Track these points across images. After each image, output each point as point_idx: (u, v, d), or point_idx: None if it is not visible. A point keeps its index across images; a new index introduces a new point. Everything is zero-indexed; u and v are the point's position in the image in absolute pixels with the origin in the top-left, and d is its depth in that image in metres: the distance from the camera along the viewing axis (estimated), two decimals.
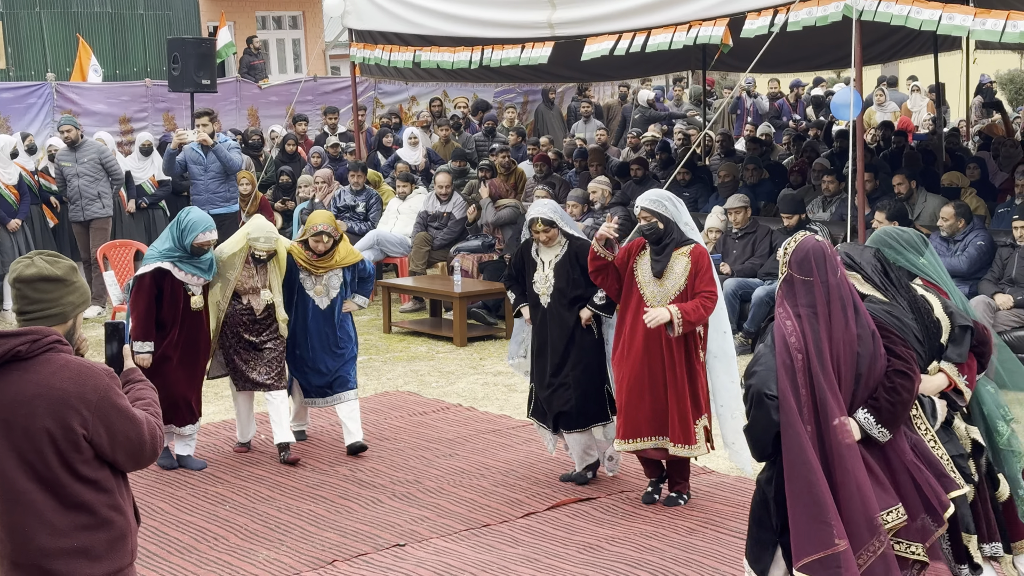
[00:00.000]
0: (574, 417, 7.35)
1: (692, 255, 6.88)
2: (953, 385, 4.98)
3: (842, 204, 11.85)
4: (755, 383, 4.65)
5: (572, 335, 7.35)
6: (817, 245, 4.74)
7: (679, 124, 19.03)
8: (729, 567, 6.21)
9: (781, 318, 4.68)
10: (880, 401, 4.67)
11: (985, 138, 16.65)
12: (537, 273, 7.46)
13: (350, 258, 8.18)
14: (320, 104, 19.24)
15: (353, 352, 8.29)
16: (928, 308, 4.98)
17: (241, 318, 7.96)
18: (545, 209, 7.42)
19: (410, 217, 14.05)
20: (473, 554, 6.47)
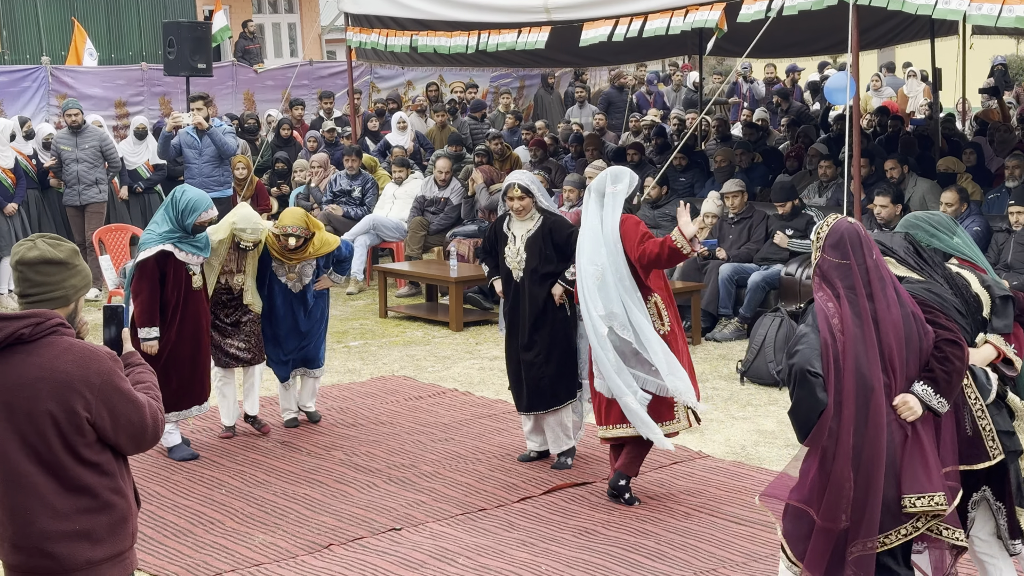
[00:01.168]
0: (547, 398, 7.35)
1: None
2: (1002, 355, 4.94)
3: (838, 189, 11.85)
4: (798, 361, 4.57)
5: (543, 311, 7.34)
6: (851, 227, 4.67)
7: (675, 109, 19.02)
8: (725, 551, 6.23)
9: (822, 300, 4.62)
10: (935, 372, 4.61)
11: (981, 123, 16.64)
12: (508, 247, 7.45)
13: (324, 248, 8.22)
14: (316, 88, 19.20)
15: (321, 333, 8.43)
16: (966, 284, 4.94)
17: (220, 297, 8.06)
18: (523, 177, 7.42)
19: (406, 202, 14.04)
20: (469, 538, 6.49)
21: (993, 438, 4.81)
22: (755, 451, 7.87)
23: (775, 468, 7.50)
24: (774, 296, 10.94)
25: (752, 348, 9.59)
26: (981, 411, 4.83)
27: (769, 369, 9.40)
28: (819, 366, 4.54)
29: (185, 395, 7.77)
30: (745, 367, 9.52)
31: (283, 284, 8.19)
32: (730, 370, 9.78)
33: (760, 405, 8.93)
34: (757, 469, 7.49)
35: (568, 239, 7.30)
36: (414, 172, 14.65)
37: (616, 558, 6.17)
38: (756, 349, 9.54)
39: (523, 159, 15.36)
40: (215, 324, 8.07)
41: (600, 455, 7.76)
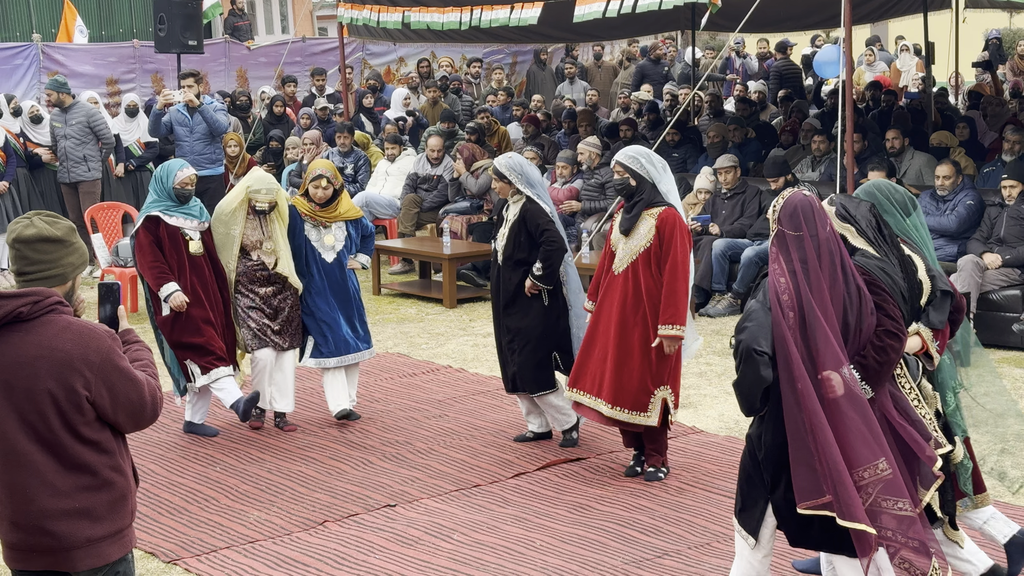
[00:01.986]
0: (520, 382, 7.34)
1: (659, 218, 6.68)
2: (925, 349, 5.01)
3: (831, 164, 11.84)
4: (745, 338, 4.66)
5: (512, 298, 7.30)
6: (805, 199, 4.74)
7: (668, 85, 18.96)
8: (719, 525, 6.25)
9: (775, 275, 4.69)
10: (868, 359, 4.69)
11: (974, 97, 16.62)
12: (500, 230, 7.45)
13: (352, 212, 8.12)
14: (308, 65, 19.14)
15: (363, 311, 8.20)
16: (914, 268, 4.99)
17: (255, 274, 7.82)
18: (504, 160, 7.35)
19: (399, 179, 14.01)
20: (463, 514, 6.50)
21: (935, 427, 4.88)
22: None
23: None
24: None
25: None
26: (917, 399, 4.90)
27: None
28: (765, 344, 4.61)
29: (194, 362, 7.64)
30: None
31: (319, 257, 7.92)
32: (723, 345, 9.79)
33: None
34: None
35: (536, 229, 7.22)
36: (407, 149, 14.62)
37: (610, 533, 6.19)
38: None
39: (515, 136, 15.33)
40: (252, 307, 7.80)
41: (595, 431, 7.77)
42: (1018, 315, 9.37)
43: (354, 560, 5.97)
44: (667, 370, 6.75)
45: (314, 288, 7.97)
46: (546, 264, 7.21)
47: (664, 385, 6.75)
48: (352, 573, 5.82)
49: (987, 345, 9.34)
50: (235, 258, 7.80)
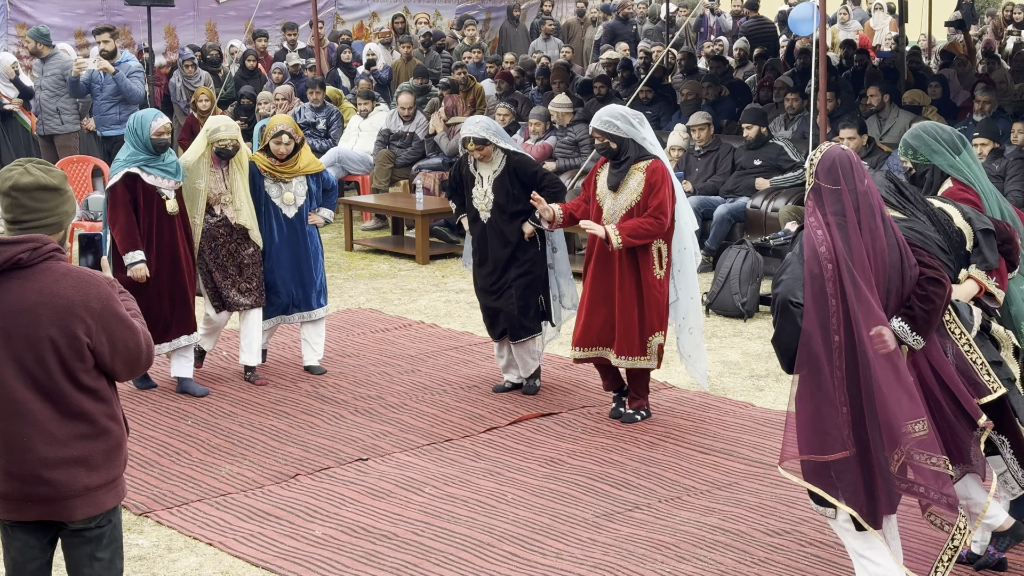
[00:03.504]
0: (517, 329, 7.46)
1: (647, 171, 6.84)
2: (984, 290, 4.98)
3: (804, 122, 11.85)
4: (781, 291, 4.62)
5: (515, 249, 7.42)
6: (843, 153, 4.69)
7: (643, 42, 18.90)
8: (689, 479, 6.30)
9: (812, 227, 4.63)
10: (914, 309, 4.65)
11: (947, 56, 16.66)
12: (476, 188, 7.46)
13: (313, 166, 8.06)
14: (279, 20, 18.96)
15: (321, 266, 8.19)
16: (948, 219, 4.95)
17: (218, 231, 7.77)
18: (476, 128, 7.34)
19: (371, 135, 13.94)
20: (435, 468, 6.52)
21: (988, 371, 4.84)
22: (719, 382, 7.93)
23: (739, 398, 7.57)
24: (740, 228, 10.97)
25: (717, 280, 9.63)
26: (968, 345, 4.86)
27: (734, 301, 9.45)
28: (801, 296, 4.57)
29: (171, 325, 7.60)
30: (710, 299, 9.57)
31: (280, 213, 7.88)
32: None
33: (725, 336, 8.99)
34: (721, 399, 7.56)
35: (534, 176, 7.36)
36: (379, 104, 14.54)
37: (582, 487, 6.22)
38: (721, 281, 9.58)
39: (488, 92, 15.26)
40: (216, 264, 7.76)
41: (566, 386, 7.81)
42: None
43: (326, 513, 5.98)
44: (658, 317, 6.97)
45: (275, 245, 7.94)
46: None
47: (658, 331, 6.97)
48: (324, 526, 5.83)
49: None
50: (201, 213, 7.73)
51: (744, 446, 6.74)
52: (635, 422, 7.12)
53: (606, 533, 5.69)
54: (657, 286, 6.95)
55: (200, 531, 5.81)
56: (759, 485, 6.22)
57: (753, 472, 6.39)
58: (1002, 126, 10.70)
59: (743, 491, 6.14)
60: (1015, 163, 9.85)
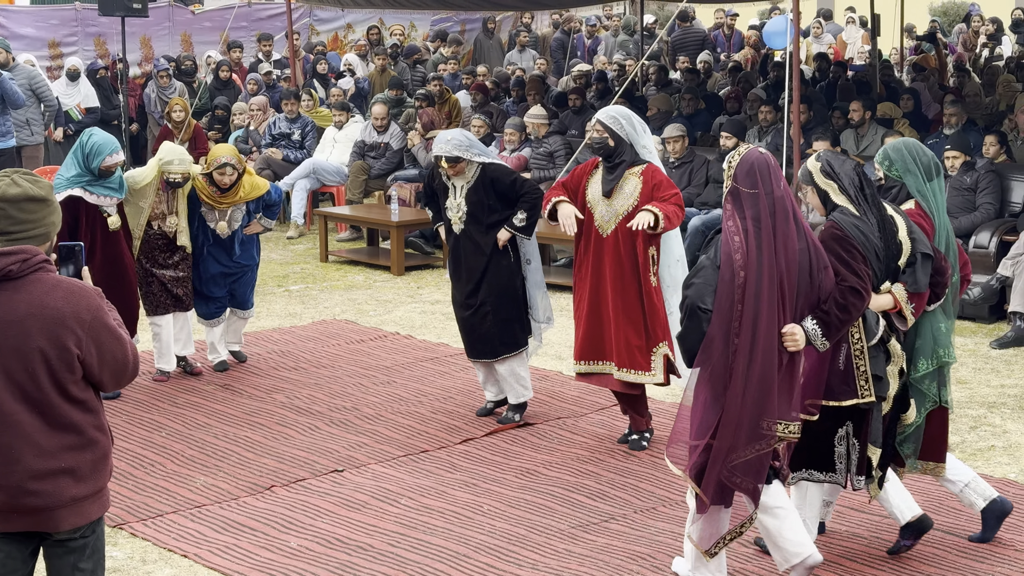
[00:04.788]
0: (495, 346, 7.27)
1: (643, 174, 6.67)
2: (899, 308, 5.05)
3: (778, 134, 11.92)
4: (691, 295, 4.80)
5: (488, 261, 7.24)
6: (761, 157, 4.79)
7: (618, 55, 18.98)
8: (664, 490, 6.31)
9: (729, 232, 4.73)
10: (830, 315, 4.79)
11: (918, 69, 16.79)
12: (449, 200, 7.33)
13: (254, 192, 8.14)
14: (254, 30, 18.95)
15: (252, 276, 8.42)
16: (894, 228, 5.03)
17: (156, 243, 7.99)
18: (447, 146, 7.17)
19: (346, 146, 13.93)
20: (411, 479, 6.52)
21: (867, 379, 5.00)
22: None
23: None
24: None
25: None
26: (860, 352, 5.00)
27: None
28: (709, 302, 4.75)
29: None
30: None
31: (212, 232, 8.09)
32: None
33: None
34: None
35: (512, 185, 7.21)
36: (354, 116, 14.54)
37: (557, 498, 6.23)
38: None
39: (463, 104, 15.28)
40: (153, 271, 7.99)
41: (542, 397, 7.81)
42: None
43: (301, 524, 5.97)
44: (660, 327, 6.69)
45: (206, 257, 8.17)
46: (531, 213, 7.16)
47: (662, 341, 6.70)
48: (300, 537, 5.82)
49: None
50: (141, 227, 7.95)
51: None
52: (643, 448, 6.91)
53: (582, 544, 5.70)
54: (655, 294, 6.69)
55: (175, 543, 5.79)
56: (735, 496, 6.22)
57: None
58: (973, 139, 10.79)
59: None
60: (986, 176, 9.92)
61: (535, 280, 7.41)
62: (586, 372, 6.89)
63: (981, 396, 7.70)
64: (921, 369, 5.24)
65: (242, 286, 8.38)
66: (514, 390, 7.38)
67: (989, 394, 7.74)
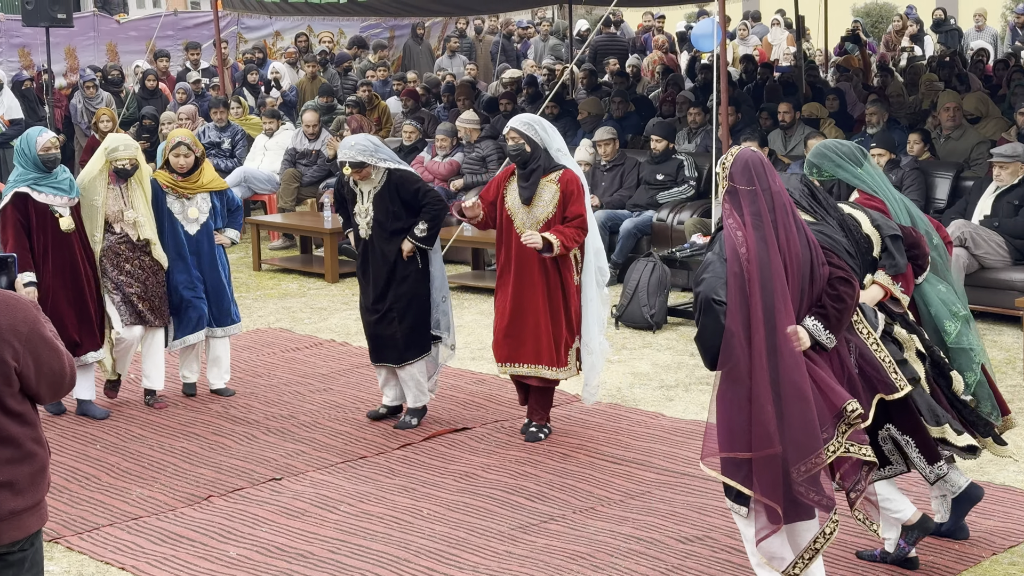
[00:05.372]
0: (400, 351, 7.31)
1: (560, 182, 6.88)
2: (889, 294, 5.12)
3: (707, 136, 12.05)
4: (703, 290, 4.70)
5: (393, 267, 7.27)
6: (755, 155, 4.81)
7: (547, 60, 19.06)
8: (602, 490, 6.36)
9: (731, 228, 4.72)
10: (827, 308, 4.75)
11: (843, 70, 17.03)
12: (356, 205, 7.35)
13: (217, 183, 7.98)
14: (181, 40, 18.81)
15: (229, 287, 8.09)
16: (856, 224, 5.09)
17: (119, 248, 7.64)
18: (351, 152, 7.17)
19: (277, 153, 13.87)
20: (350, 485, 6.51)
21: (895, 370, 4.97)
22: (631, 393, 8.02)
23: (650, 409, 7.67)
24: (646, 242, 11.11)
25: (626, 293, 9.75)
26: (876, 344, 5.00)
27: (643, 313, 9.56)
28: (723, 294, 4.65)
29: (79, 343, 7.49)
30: (619, 312, 9.67)
31: (182, 229, 7.78)
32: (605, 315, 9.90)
33: (635, 348, 9.09)
34: (633, 410, 7.64)
35: (416, 193, 7.24)
36: (285, 123, 14.48)
37: (497, 500, 6.26)
38: (630, 294, 9.69)
39: (394, 110, 15.27)
40: (118, 281, 7.61)
41: (479, 400, 7.84)
42: None
43: (240, 533, 5.94)
44: (577, 324, 7.01)
45: (179, 262, 7.84)
46: (432, 224, 7.23)
47: (575, 338, 7.03)
48: (239, 547, 5.79)
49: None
50: (100, 229, 7.62)
51: (656, 455, 6.83)
52: (539, 440, 7.09)
53: (522, 545, 5.73)
54: (575, 293, 7.00)
55: (112, 556, 5.74)
56: (671, 493, 6.30)
57: (665, 481, 6.47)
58: (898, 137, 10.98)
59: (656, 499, 6.22)
60: (911, 173, 10.11)
61: (438, 288, 7.39)
62: (515, 375, 7.13)
63: None
64: (951, 331, 5.29)
65: (217, 300, 7.97)
66: (412, 394, 7.42)
67: None
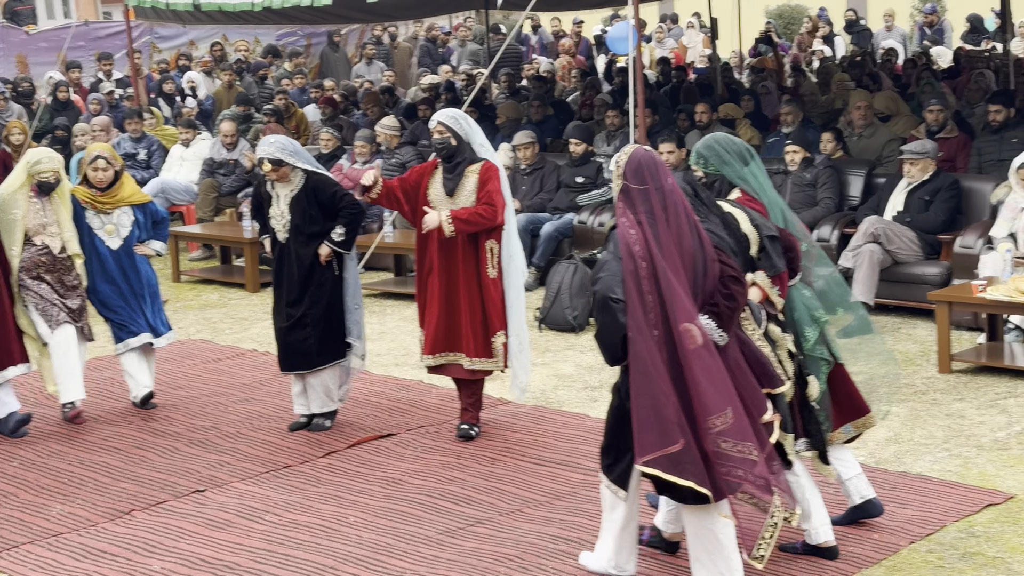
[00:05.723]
0: (312, 357, 7.29)
1: (481, 172, 6.97)
2: (765, 296, 5.20)
3: (625, 138, 12.13)
4: (600, 288, 4.76)
5: (310, 272, 7.27)
6: (648, 154, 4.88)
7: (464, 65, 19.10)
8: (529, 492, 6.37)
9: (624, 227, 4.78)
10: (719, 306, 4.84)
11: (757, 71, 17.25)
12: (273, 208, 7.34)
13: (137, 196, 7.89)
14: (93, 50, 18.58)
15: (157, 296, 8.01)
16: (736, 223, 5.17)
17: (40, 260, 7.52)
18: (271, 148, 7.22)
19: (195, 164, 13.73)
20: (275, 495, 6.46)
21: (780, 363, 5.10)
22: (555, 395, 8.05)
23: (574, 410, 7.69)
24: (568, 244, 11.15)
25: (548, 296, 9.78)
26: (761, 340, 5.11)
27: (566, 315, 9.59)
28: (620, 292, 4.71)
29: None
30: (543, 314, 9.70)
31: (103, 245, 7.69)
32: (528, 317, 9.91)
33: (558, 351, 9.12)
34: (557, 412, 7.67)
35: (332, 197, 7.25)
36: (201, 133, 14.34)
37: (423, 505, 6.25)
38: (552, 296, 9.73)
39: (312, 118, 15.20)
40: (39, 291, 7.46)
41: (404, 406, 7.82)
42: None
43: (164, 547, 5.87)
44: (498, 316, 7.04)
45: (103, 276, 7.73)
46: (349, 228, 7.24)
47: (500, 330, 7.04)
48: (163, 560, 5.72)
49: None
50: (19, 243, 7.48)
51: (581, 456, 6.85)
52: (471, 438, 7.16)
53: (449, 549, 5.73)
54: (493, 285, 7.02)
55: (32, 573, 5.64)
56: (597, 494, 6.30)
57: (591, 481, 6.49)
58: (813, 136, 11.14)
59: (582, 500, 6.24)
60: (825, 171, 10.26)
61: (352, 293, 7.40)
62: (437, 365, 7.15)
63: None
64: (810, 338, 5.39)
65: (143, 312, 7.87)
66: (320, 400, 7.42)
67: None
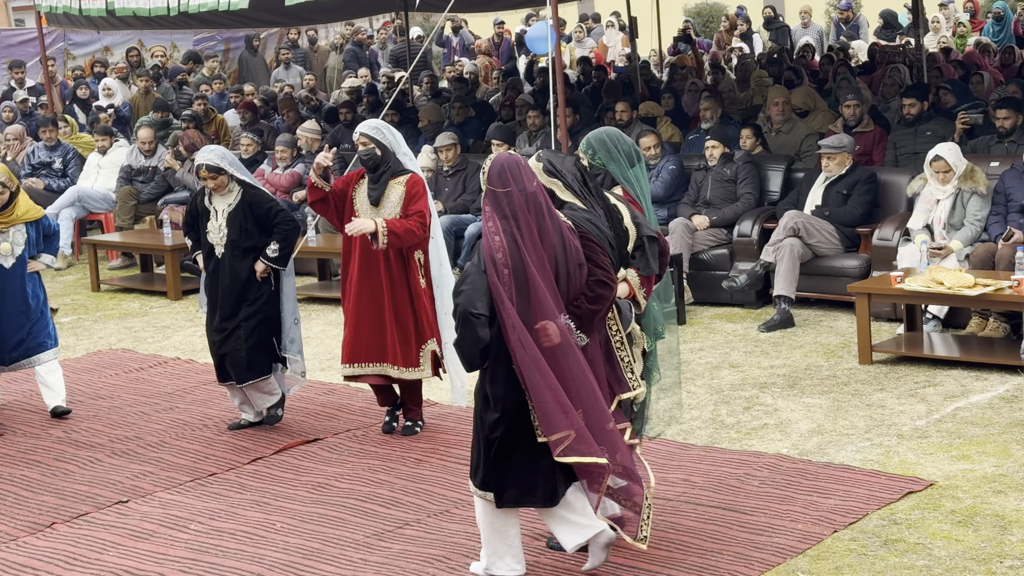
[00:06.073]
0: (245, 370, 7.30)
1: (407, 184, 7.00)
2: (632, 294, 5.27)
3: (547, 138, 12.16)
4: (462, 302, 4.87)
5: (246, 286, 7.28)
6: (511, 157, 4.97)
7: (384, 67, 19.04)
8: (456, 492, 6.37)
9: (489, 233, 4.88)
10: (581, 308, 4.96)
11: (676, 69, 17.38)
12: (211, 223, 7.33)
13: (32, 213, 7.81)
14: (5, 58, 18.26)
15: (45, 313, 7.91)
16: (619, 217, 5.25)
17: None
18: (211, 156, 7.25)
19: (112, 171, 13.54)
20: (200, 503, 6.39)
21: (632, 370, 5.21)
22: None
23: None
24: None
25: None
26: (620, 342, 5.21)
27: None
28: (482, 307, 4.83)
29: None
30: None
31: None
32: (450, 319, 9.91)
33: None
34: None
35: (268, 212, 7.28)
36: (118, 140, 14.14)
37: (351, 508, 6.22)
38: None
39: (232, 123, 15.06)
40: None
41: (329, 411, 7.78)
42: (727, 272, 9.87)
43: (87, 559, 5.78)
44: (428, 325, 7.07)
45: None
46: (284, 245, 7.27)
47: (429, 339, 7.08)
48: (85, 573, 5.63)
49: (700, 303, 9.86)
50: None
51: None
52: (415, 434, 7.19)
53: (378, 552, 5.70)
54: (423, 295, 7.07)
55: None
56: None
57: None
58: (732, 132, 11.25)
59: None
60: (744, 167, 10.35)
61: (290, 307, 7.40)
62: (355, 375, 7.17)
63: (753, 378, 8.04)
64: (651, 346, 5.51)
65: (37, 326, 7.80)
66: (262, 399, 7.51)
67: (760, 375, 8.08)
